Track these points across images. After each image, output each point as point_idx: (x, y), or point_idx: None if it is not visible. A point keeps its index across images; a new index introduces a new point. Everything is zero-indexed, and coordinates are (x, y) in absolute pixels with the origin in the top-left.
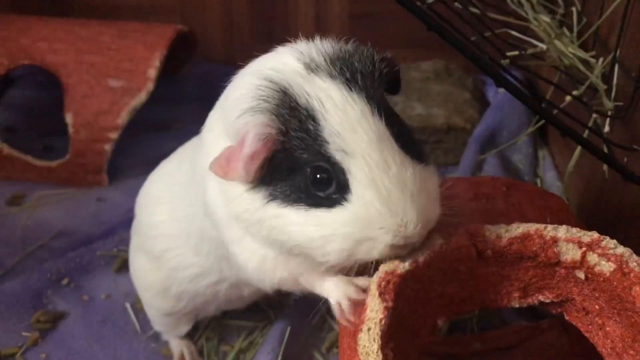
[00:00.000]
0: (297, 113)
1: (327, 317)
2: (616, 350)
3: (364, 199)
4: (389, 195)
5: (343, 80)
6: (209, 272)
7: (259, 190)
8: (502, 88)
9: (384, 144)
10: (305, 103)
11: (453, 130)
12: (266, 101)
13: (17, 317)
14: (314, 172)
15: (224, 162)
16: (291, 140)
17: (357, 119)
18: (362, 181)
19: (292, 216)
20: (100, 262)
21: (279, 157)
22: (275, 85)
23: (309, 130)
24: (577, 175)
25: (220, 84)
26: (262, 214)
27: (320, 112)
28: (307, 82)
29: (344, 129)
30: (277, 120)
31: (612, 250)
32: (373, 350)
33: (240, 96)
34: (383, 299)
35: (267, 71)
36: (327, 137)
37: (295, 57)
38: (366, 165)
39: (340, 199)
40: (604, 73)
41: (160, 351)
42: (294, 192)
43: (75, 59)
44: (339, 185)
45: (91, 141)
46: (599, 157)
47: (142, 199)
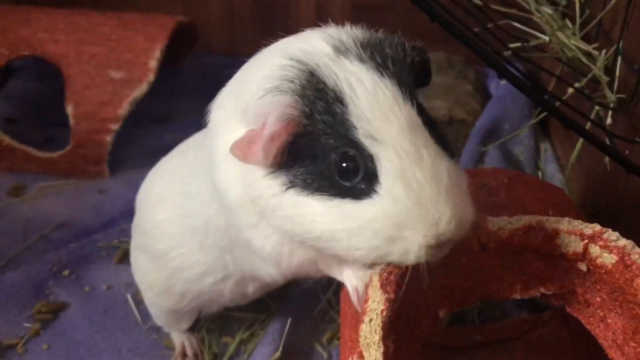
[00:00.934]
0: (324, 95)
1: (327, 308)
2: (617, 343)
3: (392, 194)
4: (420, 190)
5: (374, 65)
6: (214, 270)
7: (277, 176)
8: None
9: (417, 132)
10: (333, 85)
11: (455, 123)
12: (291, 81)
13: (18, 308)
14: (339, 159)
15: (245, 144)
16: (316, 124)
17: (388, 104)
18: (391, 172)
19: (313, 206)
20: (102, 253)
21: (302, 142)
22: (302, 65)
23: (335, 114)
24: (578, 168)
25: (221, 75)
26: (278, 201)
27: (349, 95)
28: (336, 64)
29: (374, 115)
30: (301, 102)
31: (614, 242)
32: (374, 342)
33: (263, 77)
34: (385, 291)
35: (294, 51)
36: (356, 121)
37: (324, 40)
38: (396, 154)
39: (367, 190)
40: (607, 65)
41: (162, 342)
42: (316, 180)
43: (76, 49)
44: (366, 174)
45: (92, 132)
46: (601, 149)
47: (143, 197)
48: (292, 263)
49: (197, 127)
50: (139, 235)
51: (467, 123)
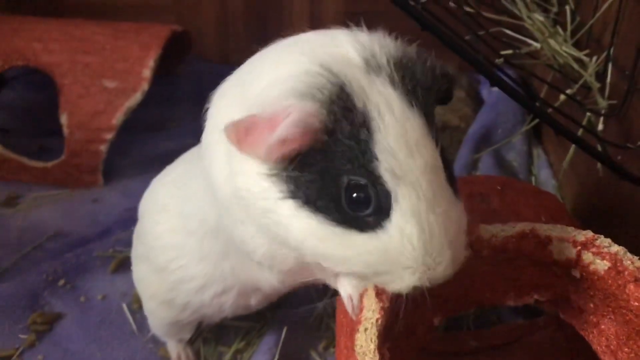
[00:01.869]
0: (351, 116)
1: (323, 316)
2: (611, 348)
3: (404, 232)
4: (431, 234)
5: (405, 92)
6: (213, 281)
7: (276, 181)
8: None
9: (437, 174)
10: (362, 107)
11: (448, 129)
12: (320, 91)
13: (13, 319)
14: (351, 187)
15: (242, 129)
16: (336, 144)
17: (415, 140)
18: (407, 212)
19: (311, 224)
20: (97, 262)
21: (315, 156)
22: (333, 77)
23: (359, 140)
24: (571, 173)
25: (215, 83)
26: (271, 206)
27: (378, 122)
28: (368, 83)
29: (399, 149)
30: (326, 116)
31: (606, 248)
32: (370, 350)
33: (286, 75)
34: (379, 299)
35: (324, 57)
36: (379, 153)
37: (356, 50)
38: (416, 195)
39: (375, 223)
40: (598, 71)
41: (158, 352)
42: (320, 199)
43: (69, 59)
44: (378, 208)
45: (86, 142)
46: (593, 155)
47: (147, 206)
48: (285, 266)
49: (193, 135)
50: (141, 245)
51: (460, 129)
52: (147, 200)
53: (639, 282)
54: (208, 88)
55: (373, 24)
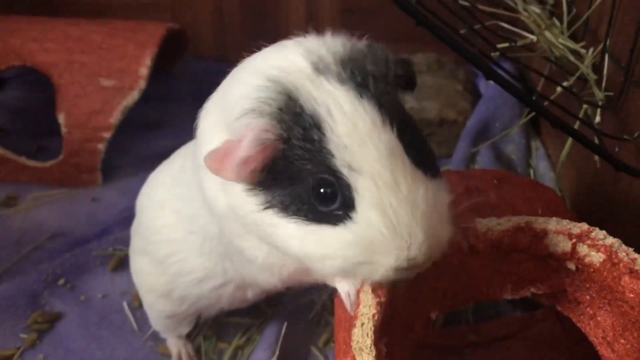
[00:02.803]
0: (302, 120)
1: (323, 312)
2: (607, 340)
3: (369, 221)
4: (397, 217)
5: (353, 86)
6: (213, 275)
7: (256, 194)
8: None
9: (395, 160)
10: (311, 110)
11: (446, 123)
12: (267, 104)
13: (14, 319)
14: (317, 185)
15: (219, 157)
16: (293, 149)
17: (366, 131)
18: (369, 201)
19: (290, 228)
20: (96, 262)
21: (280, 165)
22: (280, 87)
23: (313, 140)
24: (569, 165)
25: (212, 81)
26: (257, 218)
27: (327, 121)
28: (315, 85)
29: (352, 142)
30: (278, 126)
31: (601, 240)
32: (366, 345)
33: (241, 95)
34: (376, 295)
35: (272, 70)
36: (334, 150)
37: (303, 56)
38: (374, 184)
39: (343, 216)
40: (595, 63)
41: (158, 350)
42: (293, 203)
43: (66, 58)
44: (343, 201)
45: (84, 141)
46: (589, 148)
47: (144, 202)
48: (284, 272)
49: (190, 133)
50: (139, 240)
51: (458, 123)
52: (145, 196)
53: (634, 274)
54: (205, 86)
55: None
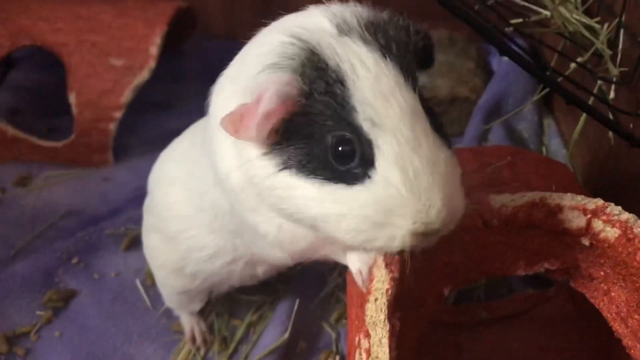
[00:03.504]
0: (325, 75)
1: (334, 288)
2: (621, 315)
3: (388, 179)
4: (416, 177)
5: (377, 47)
6: (223, 251)
7: (272, 157)
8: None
9: (417, 119)
10: (334, 65)
11: (457, 101)
12: (291, 59)
13: (29, 297)
14: (336, 142)
15: (237, 118)
16: (314, 104)
17: (390, 88)
18: (389, 158)
19: (306, 189)
20: (109, 240)
21: (298, 122)
22: (303, 43)
23: (335, 95)
24: (582, 143)
25: (221, 59)
26: (272, 182)
27: (351, 76)
28: (339, 43)
29: (375, 98)
30: (300, 80)
31: (616, 216)
32: (380, 320)
33: (262, 53)
34: (389, 270)
35: (295, 29)
36: (356, 104)
37: (327, 18)
38: (396, 140)
39: (362, 175)
40: (609, 39)
41: (172, 327)
42: (310, 162)
43: (76, 38)
44: (362, 158)
45: (95, 121)
46: (604, 124)
47: (156, 179)
48: (296, 248)
49: (200, 112)
50: (151, 217)
51: (470, 101)
52: (156, 173)
53: None
54: (215, 65)
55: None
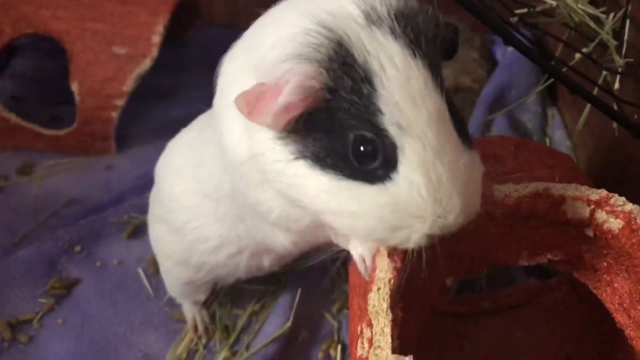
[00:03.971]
0: (352, 72)
1: (336, 279)
2: (624, 306)
3: (411, 182)
4: (439, 183)
5: (407, 42)
6: (228, 242)
7: (287, 143)
8: (510, 47)
9: (443, 124)
10: (363, 61)
11: (461, 91)
12: (317, 50)
13: (32, 284)
14: (358, 141)
15: (252, 98)
16: (338, 101)
17: (420, 91)
18: (413, 163)
19: (321, 181)
20: (112, 229)
21: (320, 115)
22: (331, 33)
23: (362, 95)
24: (586, 134)
25: (224, 48)
26: (284, 168)
27: (380, 75)
28: (368, 36)
29: (403, 100)
30: (325, 75)
31: (620, 207)
32: (383, 309)
33: (284, 37)
34: (392, 259)
35: (321, 14)
36: (383, 106)
37: (355, 3)
38: (421, 145)
39: (383, 176)
40: (615, 29)
41: (174, 315)
42: (328, 156)
43: (78, 26)
44: (385, 160)
45: (98, 109)
46: (609, 114)
47: (163, 169)
48: (299, 227)
49: (203, 101)
50: (158, 207)
51: (473, 91)
52: (163, 163)
53: None
54: (217, 54)
55: None
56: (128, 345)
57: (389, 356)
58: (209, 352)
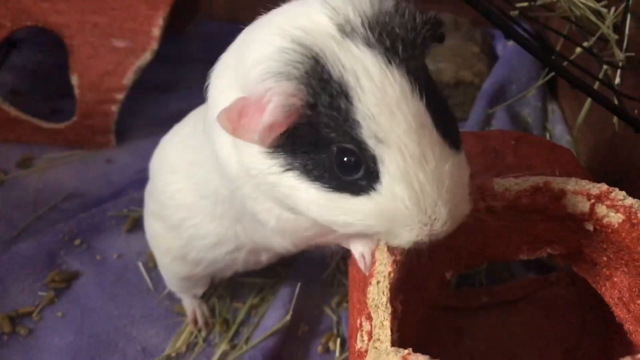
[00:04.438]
0: (329, 87)
1: (336, 273)
2: (623, 300)
3: (393, 194)
4: (422, 192)
5: (382, 51)
6: (226, 240)
7: (276, 157)
8: (511, 41)
9: (424, 132)
10: (338, 76)
11: (461, 85)
12: (295, 68)
13: (32, 277)
14: (341, 154)
15: (234, 115)
16: (318, 116)
17: (396, 100)
18: (394, 174)
19: (311, 193)
20: (112, 222)
21: (304, 130)
22: (306, 50)
23: (340, 109)
24: (586, 129)
25: (224, 42)
26: (276, 180)
27: (355, 89)
28: (342, 49)
29: (380, 112)
30: (305, 91)
31: (620, 201)
32: (382, 303)
33: (263, 56)
34: (392, 253)
35: (296, 32)
36: (361, 120)
37: (328, 16)
38: (401, 157)
39: (367, 187)
40: (616, 23)
41: (173, 309)
42: (315, 168)
43: (78, 19)
44: (367, 172)
45: (97, 102)
46: (609, 109)
47: (157, 165)
48: (297, 236)
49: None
50: (153, 204)
51: (474, 85)
52: (157, 159)
53: None
54: (217, 47)
55: None
56: (128, 339)
57: (389, 349)
58: (208, 345)
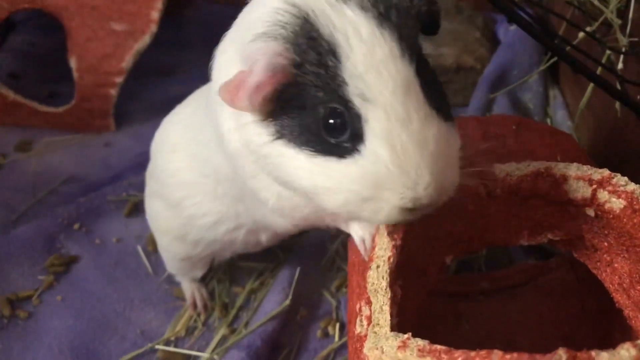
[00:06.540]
0: (317, 45)
1: (335, 257)
2: (623, 286)
3: (376, 154)
4: (404, 153)
5: (375, 14)
6: (226, 219)
7: (268, 125)
8: (513, 25)
9: (410, 93)
10: (328, 35)
11: (463, 70)
12: (283, 27)
13: (31, 261)
14: (327, 115)
15: (233, 87)
16: (306, 75)
17: (384, 60)
18: (378, 134)
19: (298, 159)
20: (111, 206)
21: (291, 92)
22: (297, 10)
23: (327, 67)
24: (588, 114)
25: (223, 25)
26: (268, 150)
27: (344, 47)
28: (335, 10)
29: (367, 71)
30: (292, 50)
31: (622, 187)
32: (382, 287)
33: (256, 18)
34: (392, 238)
35: None
36: (348, 78)
37: None
38: (385, 116)
39: (351, 149)
40: (619, 8)
41: (173, 293)
42: (303, 133)
43: (76, 1)
44: (352, 133)
45: (96, 86)
46: (611, 94)
47: (158, 145)
48: (296, 215)
49: (202, 79)
50: (154, 183)
51: (475, 70)
52: (159, 139)
53: None
54: (217, 31)
55: None
56: (127, 322)
57: (388, 333)
58: (207, 329)
